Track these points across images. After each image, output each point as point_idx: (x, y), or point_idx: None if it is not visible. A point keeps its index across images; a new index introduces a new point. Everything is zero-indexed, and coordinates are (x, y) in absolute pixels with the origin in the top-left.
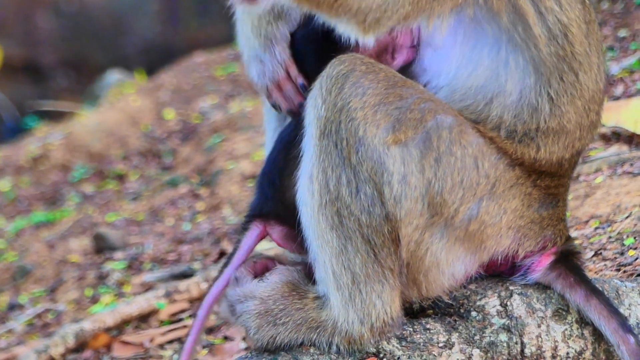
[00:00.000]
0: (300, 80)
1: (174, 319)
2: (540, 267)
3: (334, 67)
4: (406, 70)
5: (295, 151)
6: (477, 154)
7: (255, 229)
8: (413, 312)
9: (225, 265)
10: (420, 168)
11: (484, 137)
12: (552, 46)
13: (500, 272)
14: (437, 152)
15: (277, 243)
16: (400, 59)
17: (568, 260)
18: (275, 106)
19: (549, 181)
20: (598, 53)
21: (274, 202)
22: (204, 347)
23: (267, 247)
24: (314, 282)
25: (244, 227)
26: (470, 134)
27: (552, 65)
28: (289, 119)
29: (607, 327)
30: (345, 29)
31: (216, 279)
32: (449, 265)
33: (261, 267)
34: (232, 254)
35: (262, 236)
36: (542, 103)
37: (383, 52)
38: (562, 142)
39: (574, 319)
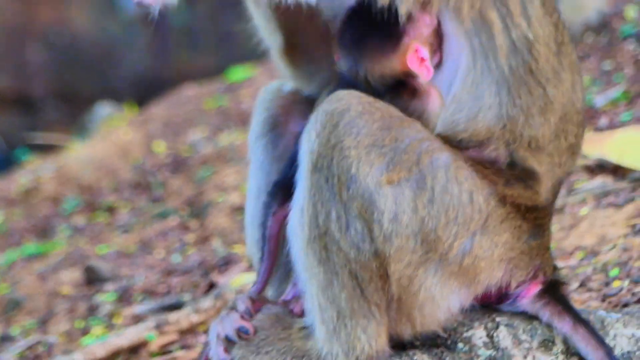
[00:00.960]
0: None
1: (164, 350)
2: (529, 295)
3: (331, 103)
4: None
5: None
6: (473, 188)
7: (282, 210)
8: (402, 345)
9: (262, 254)
10: (414, 207)
11: (477, 170)
12: (514, 60)
13: (490, 303)
14: (432, 192)
15: None
16: (436, 59)
17: (555, 290)
18: None
19: (537, 212)
20: (572, 73)
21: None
22: None
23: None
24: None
25: (269, 208)
26: (465, 169)
27: (518, 78)
28: (274, 152)
29: (594, 357)
30: None
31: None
32: (444, 299)
33: (257, 307)
34: (264, 241)
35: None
36: (517, 114)
37: (435, 32)
38: (545, 164)
39: (559, 350)
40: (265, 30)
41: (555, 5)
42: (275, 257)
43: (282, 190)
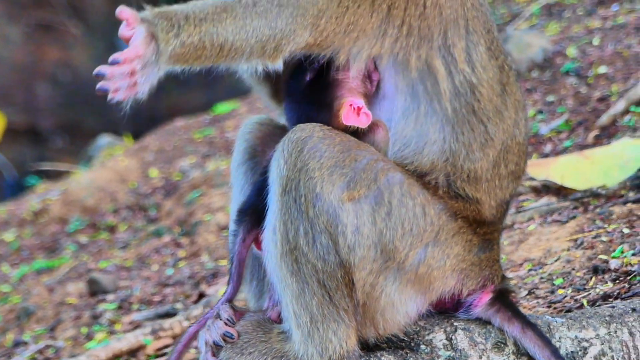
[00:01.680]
0: None
1: (159, 353)
2: (481, 303)
3: (295, 133)
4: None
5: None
6: (425, 202)
7: (249, 234)
8: (369, 346)
9: (230, 275)
10: (373, 220)
11: (427, 188)
12: (458, 102)
13: (446, 309)
14: (389, 206)
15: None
16: (375, 78)
17: (505, 298)
18: None
19: (486, 228)
20: (516, 110)
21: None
22: None
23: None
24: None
25: (236, 233)
26: (417, 186)
27: (461, 118)
28: (253, 178)
29: (542, 356)
30: (249, 65)
31: (227, 287)
32: (402, 305)
33: (239, 315)
34: (232, 262)
35: (253, 239)
36: (459, 149)
37: (364, 78)
38: (483, 190)
39: (511, 351)
40: (253, 82)
41: (502, 48)
42: (242, 278)
43: (247, 218)
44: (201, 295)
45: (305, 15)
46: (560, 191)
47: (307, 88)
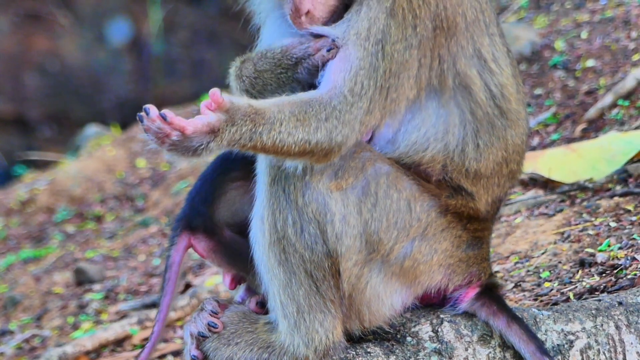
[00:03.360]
0: None
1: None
2: (467, 298)
3: None
4: None
5: (233, 174)
6: (410, 197)
7: (182, 241)
8: (355, 339)
9: (164, 281)
10: (359, 210)
11: (417, 183)
12: (490, 106)
13: (432, 304)
14: (375, 197)
15: (202, 255)
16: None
17: (491, 292)
18: None
19: (477, 225)
20: (524, 107)
21: (204, 217)
22: None
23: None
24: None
25: (172, 242)
26: (405, 180)
27: (488, 121)
28: None
29: (526, 350)
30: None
31: (161, 294)
32: (388, 297)
33: (223, 308)
34: (167, 269)
35: (188, 247)
36: (469, 150)
37: None
38: (481, 185)
39: (497, 343)
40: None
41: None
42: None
43: (182, 224)
44: (188, 286)
45: (355, 120)
46: (547, 184)
47: None
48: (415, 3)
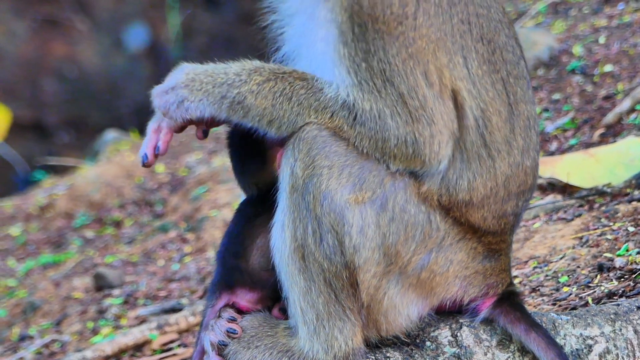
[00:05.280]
0: None
1: (165, 348)
2: (485, 308)
3: (306, 131)
4: None
5: (257, 221)
6: (430, 210)
7: (221, 302)
8: (376, 344)
9: (197, 340)
10: (377, 223)
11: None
12: (475, 134)
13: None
14: (392, 212)
15: (248, 309)
16: None
17: (510, 299)
18: None
19: (491, 238)
20: (527, 132)
21: (240, 271)
22: None
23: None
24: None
25: (210, 304)
26: (422, 195)
27: (474, 151)
28: None
29: (546, 357)
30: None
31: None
32: (404, 308)
33: (242, 314)
34: (201, 328)
35: (226, 306)
36: (460, 183)
37: None
38: (474, 210)
39: (516, 348)
40: None
41: (506, 56)
42: None
43: (220, 287)
44: (207, 291)
45: None
46: (565, 189)
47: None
48: None
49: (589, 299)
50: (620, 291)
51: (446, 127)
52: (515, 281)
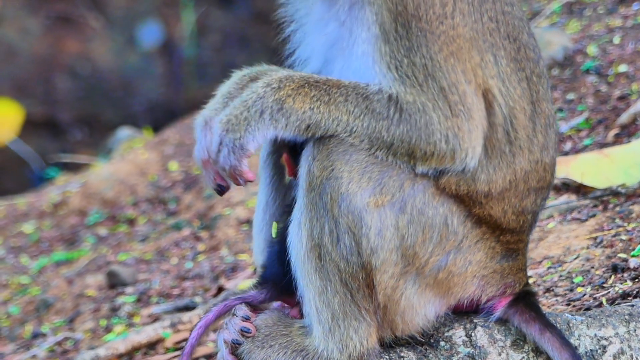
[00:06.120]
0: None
1: (178, 346)
2: (500, 307)
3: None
4: None
5: None
6: (447, 212)
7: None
8: (390, 343)
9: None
10: (395, 225)
11: (453, 197)
12: (500, 131)
13: (465, 313)
14: (411, 214)
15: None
16: None
17: (525, 299)
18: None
19: (510, 237)
20: (546, 130)
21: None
22: None
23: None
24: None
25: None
26: (441, 195)
27: (498, 149)
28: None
29: (560, 358)
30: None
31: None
32: (421, 308)
33: (255, 312)
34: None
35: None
36: (479, 176)
37: None
38: (494, 202)
39: (530, 348)
40: None
41: (530, 54)
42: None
43: (273, 286)
44: (220, 289)
45: None
46: (579, 189)
47: None
48: None
49: (603, 300)
50: (635, 292)
51: (481, 124)
52: (530, 281)
